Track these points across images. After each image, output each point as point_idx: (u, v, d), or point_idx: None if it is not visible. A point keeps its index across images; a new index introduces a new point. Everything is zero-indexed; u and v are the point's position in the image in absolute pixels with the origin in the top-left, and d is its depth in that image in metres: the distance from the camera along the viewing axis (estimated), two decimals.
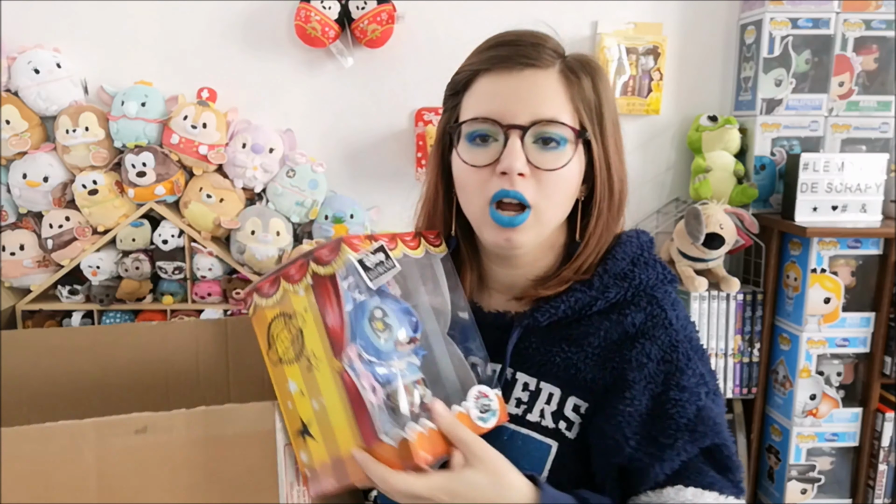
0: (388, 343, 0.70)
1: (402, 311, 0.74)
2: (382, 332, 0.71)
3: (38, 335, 1.04)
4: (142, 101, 1.74)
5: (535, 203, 0.77)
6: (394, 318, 0.72)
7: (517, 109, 0.76)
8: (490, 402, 0.74)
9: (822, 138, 1.90)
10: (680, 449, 0.74)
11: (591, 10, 1.93)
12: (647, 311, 0.81)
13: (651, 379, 0.78)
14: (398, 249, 0.76)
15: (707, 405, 0.77)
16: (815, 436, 1.86)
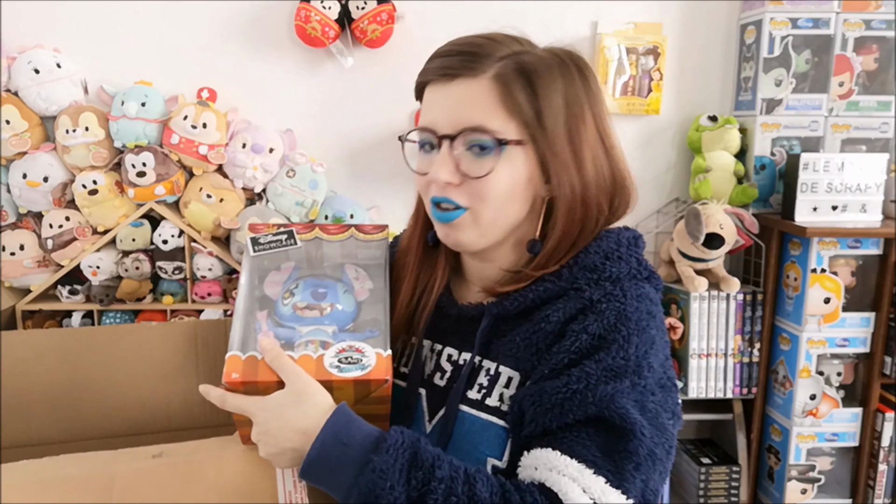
0: (287, 308, 0.85)
1: (311, 284, 0.88)
2: (287, 300, 0.86)
3: (38, 335, 1.04)
4: (142, 101, 1.74)
5: (471, 206, 0.80)
6: (302, 289, 0.87)
7: (447, 119, 0.79)
8: (362, 357, 0.78)
9: (822, 138, 1.90)
10: (563, 411, 0.72)
11: (591, 10, 1.93)
12: (605, 290, 0.80)
13: (577, 350, 0.76)
14: (310, 234, 0.92)
15: (620, 390, 0.72)
16: (815, 436, 1.86)
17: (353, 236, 0.92)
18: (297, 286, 0.87)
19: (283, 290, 0.87)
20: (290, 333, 0.82)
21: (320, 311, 0.83)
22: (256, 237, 0.91)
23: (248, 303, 0.86)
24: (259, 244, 0.91)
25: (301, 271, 0.90)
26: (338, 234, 0.92)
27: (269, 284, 0.89)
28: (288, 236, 0.91)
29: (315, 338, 0.81)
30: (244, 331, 0.82)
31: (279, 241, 0.90)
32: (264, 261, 0.90)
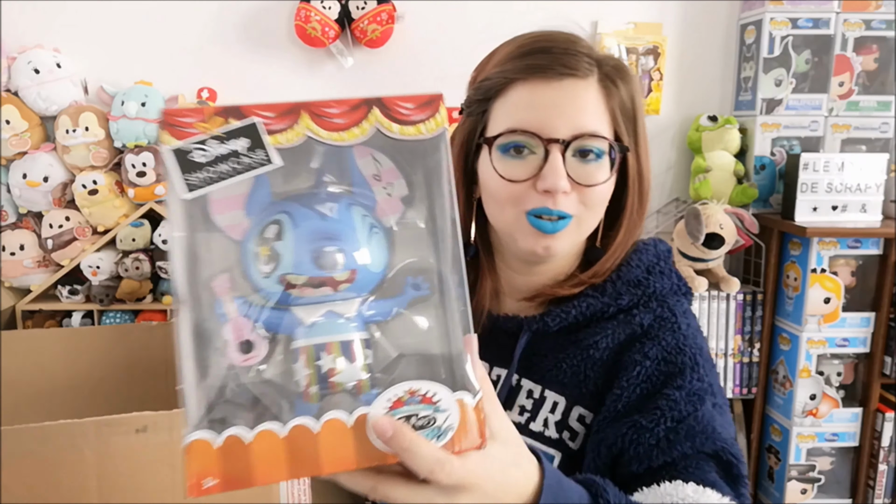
0: (269, 279, 0.48)
1: (304, 220, 0.48)
2: (267, 264, 0.48)
3: (38, 335, 1.04)
4: (142, 101, 1.75)
5: (577, 214, 0.75)
6: (291, 239, 0.48)
7: (558, 122, 0.72)
8: (439, 415, 0.48)
9: (822, 138, 1.90)
10: (670, 444, 0.69)
11: (591, 10, 1.93)
12: (655, 313, 0.78)
13: (646, 378, 0.74)
14: (293, 132, 0.49)
15: (709, 413, 0.72)
16: (815, 436, 1.86)
17: (379, 128, 0.49)
18: (280, 226, 0.48)
19: (254, 230, 0.49)
20: (281, 321, 0.49)
21: (333, 286, 0.48)
22: (183, 147, 0.47)
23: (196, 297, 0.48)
24: (193, 164, 0.47)
25: (277, 186, 0.50)
26: (347, 129, 0.49)
27: (219, 208, 0.49)
28: (249, 141, 0.48)
29: (330, 337, 0.48)
30: (202, 367, 0.47)
31: (232, 153, 0.48)
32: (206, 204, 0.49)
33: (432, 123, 0.50)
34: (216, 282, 0.48)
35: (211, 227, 0.49)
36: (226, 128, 0.48)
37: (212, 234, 0.50)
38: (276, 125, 0.49)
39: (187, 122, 0.47)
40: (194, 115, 0.48)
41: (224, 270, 0.49)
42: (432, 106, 0.51)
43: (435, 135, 0.50)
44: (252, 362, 0.48)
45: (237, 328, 0.48)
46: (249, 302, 0.49)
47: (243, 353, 0.48)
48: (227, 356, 0.48)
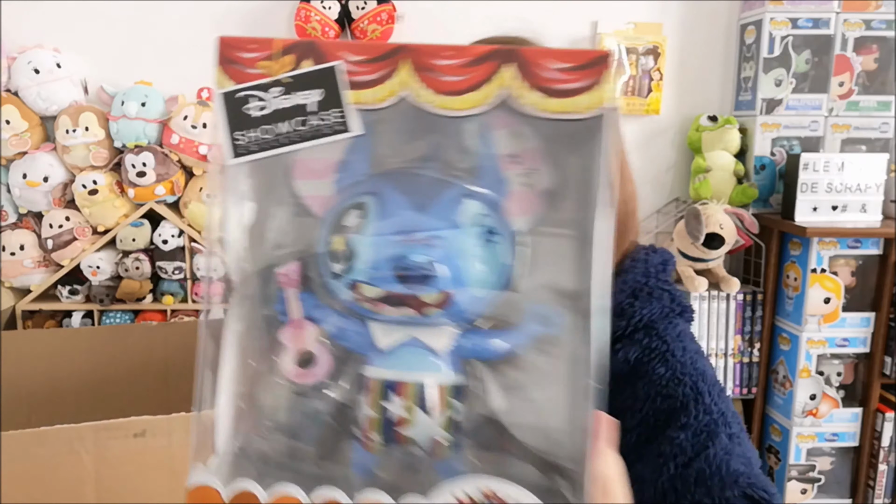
0: (339, 283, 0.36)
1: (407, 226, 0.36)
2: (338, 260, 0.37)
3: (38, 335, 1.04)
4: (142, 101, 1.74)
5: None
6: (371, 234, 0.36)
7: None
8: None
9: (822, 138, 1.90)
10: (679, 494, 0.60)
11: (591, 10, 1.93)
12: (642, 345, 0.68)
13: (641, 422, 0.64)
14: (390, 86, 0.35)
15: (723, 448, 0.61)
16: (815, 436, 1.86)
17: (509, 97, 0.35)
18: (364, 213, 0.37)
19: (335, 210, 0.38)
20: (353, 335, 0.38)
21: (416, 307, 0.36)
22: (237, 92, 0.36)
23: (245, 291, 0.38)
24: (245, 118, 0.36)
25: (381, 150, 0.38)
26: (459, 92, 0.35)
27: (304, 171, 0.39)
28: (322, 93, 0.36)
29: (406, 374, 0.37)
30: (243, 377, 0.38)
31: (296, 108, 0.36)
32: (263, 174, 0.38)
33: (594, 96, 0.34)
34: (284, 269, 0.37)
35: (288, 194, 0.38)
36: (295, 72, 0.36)
37: (288, 205, 0.38)
38: (363, 74, 0.35)
39: (247, 59, 0.36)
40: (258, 49, 0.36)
41: (296, 256, 0.38)
42: (596, 69, 0.34)
43: (595, 114, 0.34)
44: (309, 380, 0.37)
45: (298, 333, 0.37)
46: (320, 302, 0.37)
47: (301, 366, 0.37)
48: (280, 368, 0.37)
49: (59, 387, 0.96)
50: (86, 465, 0.68)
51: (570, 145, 0.36)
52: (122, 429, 0.69)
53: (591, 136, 0.35)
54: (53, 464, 0.67)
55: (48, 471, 0.67)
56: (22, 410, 0.96)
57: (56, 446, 0.67)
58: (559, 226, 0.38)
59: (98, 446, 0.68)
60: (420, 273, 0.35)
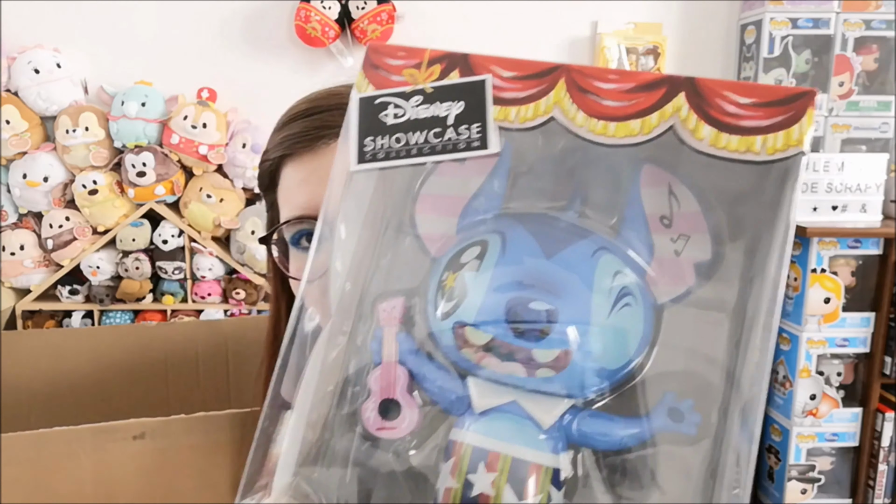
0: (443, 325, 0.32)
1: (531, 271, 0.31)
2: (447, 298, 0.32)
3: (38, 335, 1.04)
4: (142, 101, 1.74)
5: None
6: (488, 272, 0.31)
7: None
8: None
9: (822, 138, 1.90)
10: None
11: (591, 10, 1.93)
12: None
13: None
14: (542, 105, 0.32)
15: None
16: (815, 436, 1.86)
17: (677, 127, 0.30)
18: (483, 250, 0.32)
19: (455, 248, 0.33)
20: (448, 390, 0.33)
21: (526, 366, 0.31)
22: (376, 98, 0.34)
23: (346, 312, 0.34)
24: (379, 125, 0.34)
25: (519, 191, 0.34)
26: (621, 118, 0.31)
27: (428, 206, 0.35)
28: (464, 106, 0.33)
29: (501, 444, 0.31)
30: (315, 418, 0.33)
31: (434, 119, 0.33)
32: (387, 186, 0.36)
33: (781, 138, 0.28)
34: (386, 304, 0.33)
35: (408, 226, 0.34)
36: (439, 82, 0.33)
37: (404, 238, 0.35)
38: (512, 91, 0.32)
39: (393, 66, 0.34)
40: (406, 56, 0.34)
41: (401, 293, 0.34)
42: (794, 105, 0.28)
43: (781, 157, 0.28)
44: (390, 434, 0.32)
45: (388, 379, 0.32)
46: (419, 347, 0.33)
47: (383, 416, 0.32)
48: (359, 414, 0.33)
49: (58, 387, 0.96)
50: (85, 468, 0.67)
51: (744, 199, 0.30)
52: (121, 431, 0.68)
53: (777, 186, 0.29)
54: (53, 466, 0.67)
55: (47, 473, 0.67)
56: (21, 410, 0.95)
57: (55, 448, 0.67)
58: (713, 303, 0.31)
59: (97, 448, 0.67)
60: (537, 324, 0.30)
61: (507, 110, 0.32)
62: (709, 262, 0.31)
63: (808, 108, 0.29)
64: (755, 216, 0.30)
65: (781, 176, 0.29)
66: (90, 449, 0.66)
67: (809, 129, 0.29)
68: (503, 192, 0.34)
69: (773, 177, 0.29)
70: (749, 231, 0.31)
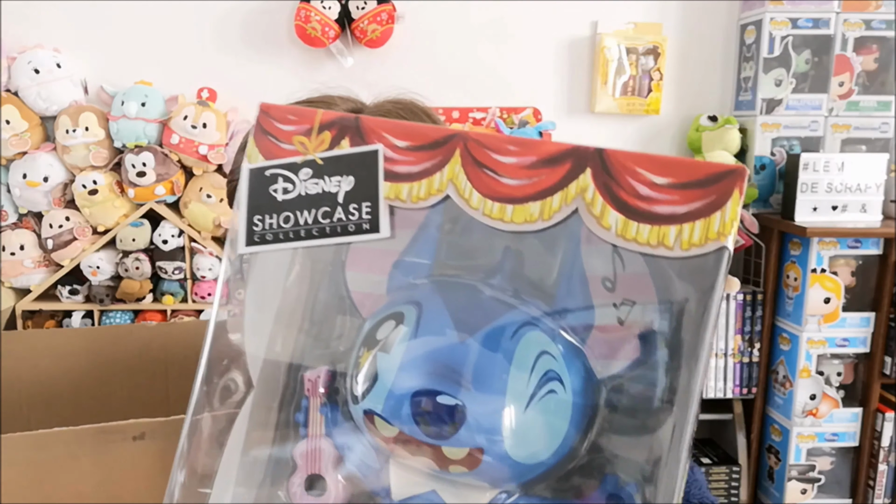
0: (357, 408, 0.30)
1: (442, 356, 0.28)
2: (362, 379, 0.30)
3: (38, 335, 1.04)
4: (142, 101, 1.74)
5: None
6: (398, 355, 0.29)
7: None
8: None
9: (822, 138, 1.90)
10: None
11: (591, 10, 1.93)
12: None
13: None
14: (438, 181, 0.29)
15: None
16: (815, 436, 1.86)
17: (582, 209, 0.27)
18: (398, 326, 0.29)
19: (377, 315, 0.31)
20: (368, 470, 0.32)
21: (438, 462, 0.28)
22: (265, 169, 0.33)
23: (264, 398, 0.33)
24: (269, 200, 0.32)
25: (429, 255, 0.32)
26: (519, 200, 0.28)
27: (358, 262, 0.33)
28: (353, 181, 0.31)
29: None
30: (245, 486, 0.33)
31: (325, 196, 0.31)
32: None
33: (699, 230, 0.24)
34: (312, 374, 0.32)
35: (336, 284, 0.32)
36: (332, 152, 0.31)
37: (331, 297, 0.33)
38: (405, 164, 0.29)
39: (283, 132, 0.32)
40: (296, 121, 0.31)
41: (327, 357, 0.32)
42: (716, 189, 0.24)
43: (698, 253, 0.24)
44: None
45: (314, 455, 0.31)
46: (344, 423, 0.31)
47: (308, 490, 0.31)
48: (288, 488, 0.32)
49: (58, 386, 0.96)
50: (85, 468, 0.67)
51: (666, 285, 0.27)
52: (120, 431, 0.68)
53: (691, 287, 0.25)
54: (52, 467, 0.67)
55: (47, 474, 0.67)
56: (21, 410, 0.95)
57: (55, 449, 0.67)
58: (656, 386, 0.27)
59: (97, 449, 0.67)
60: (445, 420, 0.27)
61: (398, 187, 0.29)
62: (657, 332, 0.27)
63: (733, 191, 0.24)
64: (687, 305, 0.26)
65: (699, 275, 0.24)
66: (90, 449, 0.66)
67: (735, 219, 0.24)
68: (433, 249, 0.31)
69: (690, 276, 0.25)
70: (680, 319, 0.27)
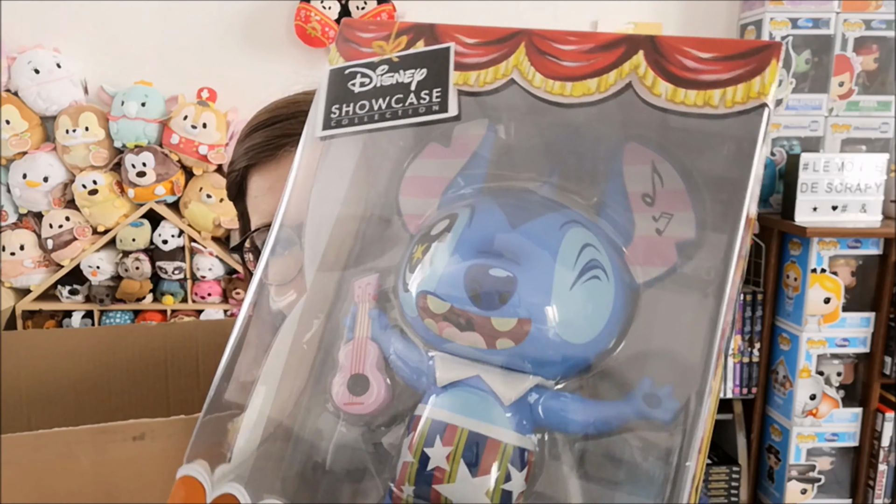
0: (408, 296, 0.31)
1: (493, 238, 0.30)
2: (414, 270, 0.31)
3: (38, 335, 1.04)
4: (142, 101, 1.74)
5: None
6: (451, 242, 0.30)
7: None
8: None
9: (822, 138, 1.90)
10: None
11: (591, 10, 1.93)
12: None
13: None
14: (502, 68, 0.32)
15: None
16: (815, 436, 1.86)
17: (634, 83, 0.30)
18: (452, 222, 0.31)
19: (435, 222, 0.32)
20: (416, 365, 0.32)
21: (486, 335, 0.29)
22: (345, 69, 0.35)
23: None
24: (347, 93, 0.34)
25: (479, 175, 0.34)
26: (579, 77, 0.30)
27: (412, 189, 0.35)
28: (426, 72, 0.34)
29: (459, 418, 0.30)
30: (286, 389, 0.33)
31: (399, 86, 0.34)
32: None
33: (741, 90, 0.27)
34: (360, 281, 0.33)
35: (391, 210, 0.34)
36: (405, 52, 0.34)
37: (388, 220, 0.34)
38: (474, 56, 0.32)
39: (363, 38, 0.35)
40: (376, 29, 0.35)
41: (377, 270, 0.33)
42: (756, 59, 0.28)
43: (741, 109, 0.27)
44: (358, 409, 0.32)
45: (358, 355, 0.32)
46: (389, 324, 0.33)
47: (352, 392, 0.32)
48: (329, 388, 0.32)
49: (58, 387, 0.96)
50: (85, 469, 0.67)
51: (707, 154, 0.29)
52: (121, 432, 0.68)
53: (743, 139, 0.27)
54: (52, 467, 0.67)
55: (47, 474, 0.67)
56: (21, 410, 0.95)
57: (55, 449, 0.67)
58: (691, 283, 0.29)
59: (97, 449, 0.67)
60: (496, 291, 0.28)
61: (467, 75, 0.33)
62: (692, 241, 0.30)
63: (771, 61, 0.28)
64: (724, 177, 0.29)
65: (743, 130, 0.27)
66: (90, 450, 0.66)
67: (774, 82, 0.27)
68: (485, 168, 0.33)
69: (734, 132, 0.28)
70: (724, 198, 0.29)
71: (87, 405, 0.95)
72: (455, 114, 0.32)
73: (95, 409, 0.96)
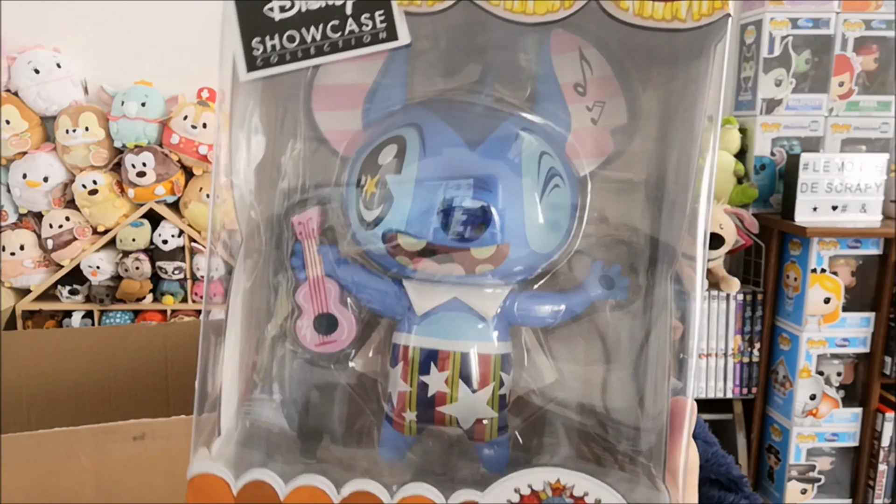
0: (369, 234, 0.30)
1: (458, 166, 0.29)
2: (370, 206, 0.29)
3: (38, 335, 1.04)
4: (142, 101, 1.75)
5: None
6: (412, 174, 0.29)
7: None
8: None
9: (822, 138, 1.90)
10: None
11: None
12: None
13: None
14: None
15: None
16: (815, 436, 1.86)
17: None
18: (402, 149, 0.29)
19: (367, 146, 0.30)
20: (384, 296, 0.32)
21: (467, 265, 0.30)
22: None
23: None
24: (265, 22, 0.28)
25: (420, 78, 0.32)
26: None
27: (325, 101, 0.31)
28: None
29: (449, 342, 0.30)
30: (250, 348, 0.32)
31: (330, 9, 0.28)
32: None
33: (706, 2, 0.27)
34: (300, 217, 0.31)
35: (307, 128, 0.31)
36: None
37: (306, 141, 0.31)
38: None
39: None
40: None
41: (316, 201, 0.32)
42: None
43: (708, 21, 0.27)
44: (330, 349, 0.32)
45: (317, 294, 0.31)
46: (344, 257, 0.31)
47: (320, 332, 0.32)
48: (296, 334, 0.32)
49: (58, 387, 0.96)
50: (85, 469, 0.67)
51: (666, 68, 0.29)
52: (121, 432, 0.68)
53: (700, 52, 0.27)
54: (53, 467, 0.67)
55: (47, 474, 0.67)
56: (21, 410, 0.96)
57: (55, 449, 0.67)
58: (633, 172, 0.31)
59: (97, 450, 0.67)
60: (472, 222, 0.28)
61: None
62: (625, 126, 0.31)
63: None
64: (679, 85, 0.29)
65: (705, 41, 0.27)
66: (90, 449, 0.66)
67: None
68: (405, 76, 0.30)
69: (699, 41, 0.28)
70: (673, 101, 0.30)
71: (87, 405, 0.95)
72: (407, 42, 0.28)
73: (95, 409, 0.96)
